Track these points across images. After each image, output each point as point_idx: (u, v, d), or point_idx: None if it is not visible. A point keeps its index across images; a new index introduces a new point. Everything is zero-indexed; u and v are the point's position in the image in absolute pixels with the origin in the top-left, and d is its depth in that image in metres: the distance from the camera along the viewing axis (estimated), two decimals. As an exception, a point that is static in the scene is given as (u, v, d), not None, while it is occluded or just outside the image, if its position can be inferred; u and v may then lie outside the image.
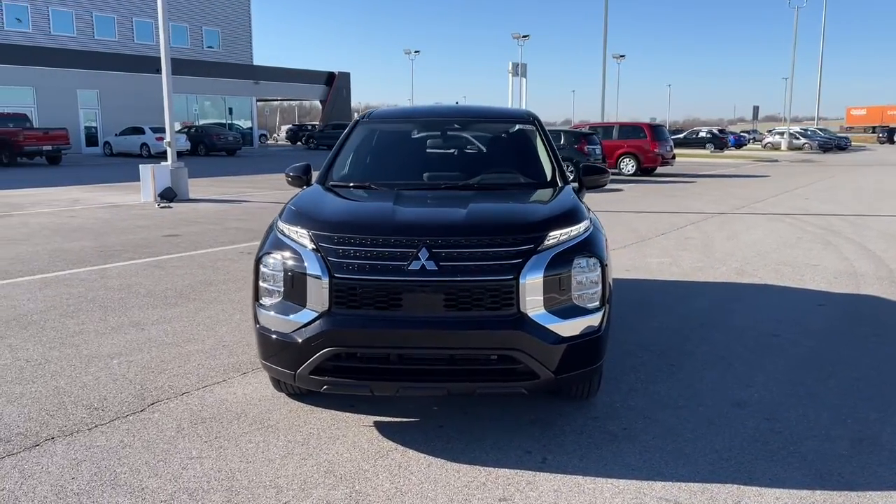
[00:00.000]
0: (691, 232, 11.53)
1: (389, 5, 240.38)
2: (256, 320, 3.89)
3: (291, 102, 67.85)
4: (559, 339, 3.62)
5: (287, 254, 3.77)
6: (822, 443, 3.82)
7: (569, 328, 3.67)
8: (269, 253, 3.86)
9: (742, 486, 3.35)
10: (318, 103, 58.05)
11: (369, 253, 3.62)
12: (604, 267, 3.84)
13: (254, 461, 3.59)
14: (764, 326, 6.07)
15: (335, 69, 55.99)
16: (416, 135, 5.39)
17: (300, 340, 3.61)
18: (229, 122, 47.85)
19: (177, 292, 7.19)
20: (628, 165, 25.11)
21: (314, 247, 3.71)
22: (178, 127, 41.06)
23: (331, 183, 4.84)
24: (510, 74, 37.12)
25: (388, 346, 3.57)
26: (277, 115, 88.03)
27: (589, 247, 3.84)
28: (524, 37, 46.89)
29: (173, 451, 3.70)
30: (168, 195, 15.65)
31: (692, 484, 3.38)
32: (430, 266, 3.54)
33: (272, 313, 3.76)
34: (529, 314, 3.58)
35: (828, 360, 5.18)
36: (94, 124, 40.00)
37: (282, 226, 3.97)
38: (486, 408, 4.23)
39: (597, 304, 3.80)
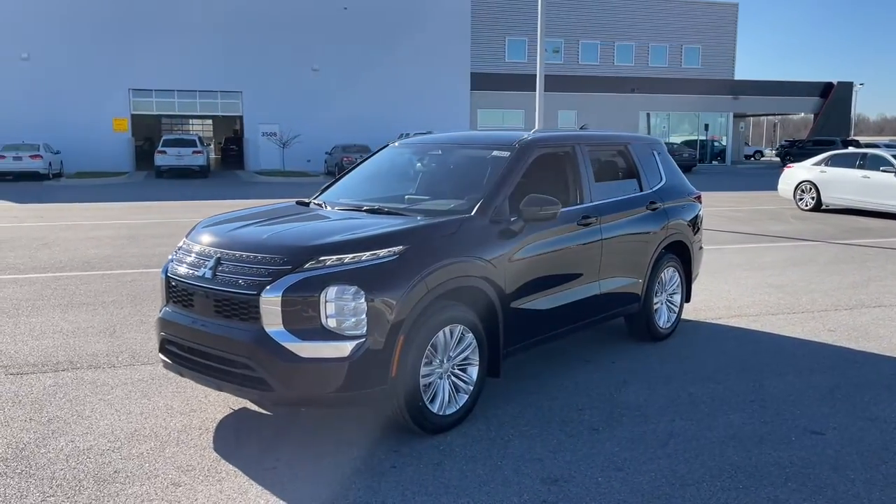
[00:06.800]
0: None
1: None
2: None
3: (774, 117, 63.32)
4: (296, 359, 3.76)
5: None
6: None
7: (310, 350, 3.77)
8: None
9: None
10: (810, 117, 53.08)
11: (186, 259, 4.33)
12: (370, 297, 3.78)
13: (106, 414, 4.53)
14: (821, 422, 4.51)
15: (835, 79, 50.50)
16: (409, 160, 5.61)
17: (155, 325, 4.52)
18: (703, 138, 47.21)
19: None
20: None
21: (176, 250, 4.56)
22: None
23: (311, 199, 5.44)
24: None
25: (182, 339, 4.21)
26: (763, 130, 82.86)
27: (355, 275, 3.81)
28: None
29: (86, 394, 4.85)
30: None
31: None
32: (208, 275, 4.08)
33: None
34: (267, 330, 3.82)
35: (808, 465, 3.77)
36: (565, 141, 44.36)
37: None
38: (356, 427, 4.35)
39: (358, 332, 3.78)
